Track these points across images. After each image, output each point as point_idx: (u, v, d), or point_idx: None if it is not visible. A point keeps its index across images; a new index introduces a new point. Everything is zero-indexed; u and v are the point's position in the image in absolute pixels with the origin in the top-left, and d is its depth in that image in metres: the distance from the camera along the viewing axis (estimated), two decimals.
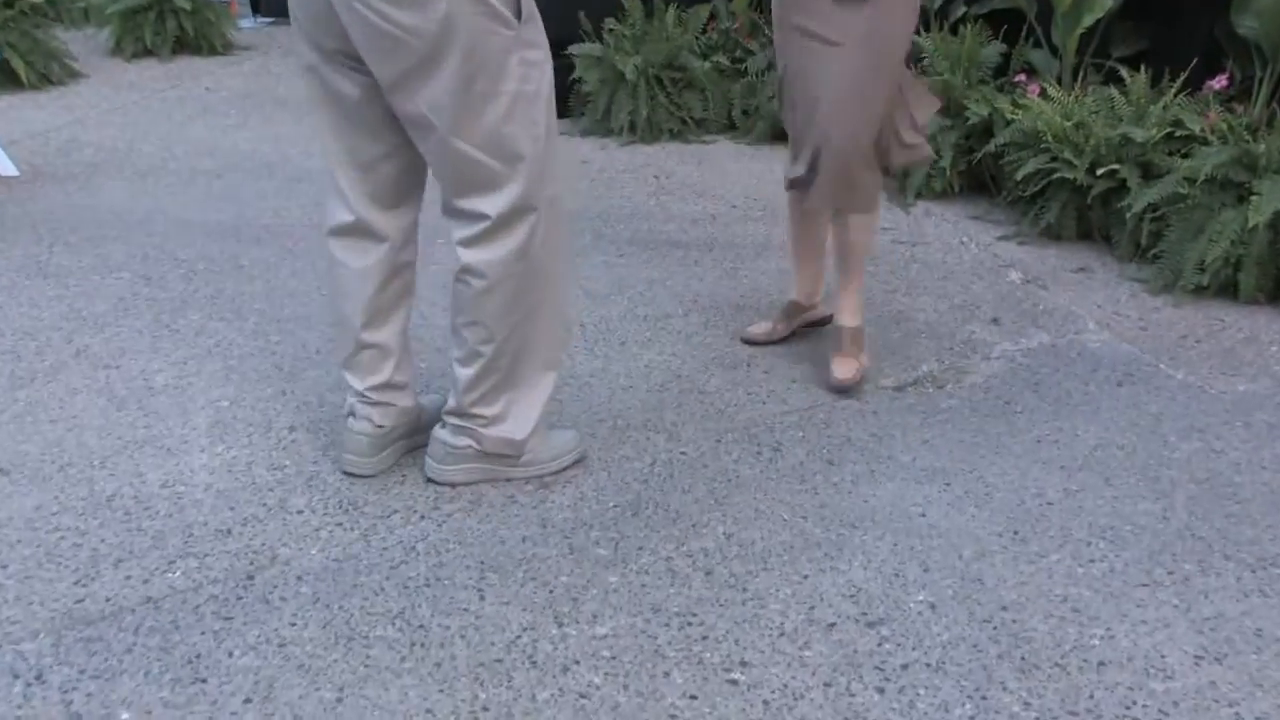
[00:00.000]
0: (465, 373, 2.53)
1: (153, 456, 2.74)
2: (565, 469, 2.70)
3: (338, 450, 2.71)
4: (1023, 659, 2.09)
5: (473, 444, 2.60)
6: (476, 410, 2.57)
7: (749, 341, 3.38)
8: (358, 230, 2.51)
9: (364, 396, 2.61)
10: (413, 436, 2.74)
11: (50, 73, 6.62)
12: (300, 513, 2.53)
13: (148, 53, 7.42)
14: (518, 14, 2.25)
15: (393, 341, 2.61)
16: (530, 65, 2.30)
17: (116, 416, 2.93)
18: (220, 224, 4.37)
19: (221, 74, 7.13)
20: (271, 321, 3.50)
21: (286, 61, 7.48)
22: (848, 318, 3.18)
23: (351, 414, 2.63)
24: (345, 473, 2.67)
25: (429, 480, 2.65)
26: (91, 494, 2.58)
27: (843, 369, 3.11)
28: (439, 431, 2.64)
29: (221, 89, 6.72)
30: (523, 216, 2.37)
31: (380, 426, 2.63)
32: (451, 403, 2.60)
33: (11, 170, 4.94)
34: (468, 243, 2.40)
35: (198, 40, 7.52)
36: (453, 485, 2.64)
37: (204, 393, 3.06)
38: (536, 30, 2.31)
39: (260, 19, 8.89)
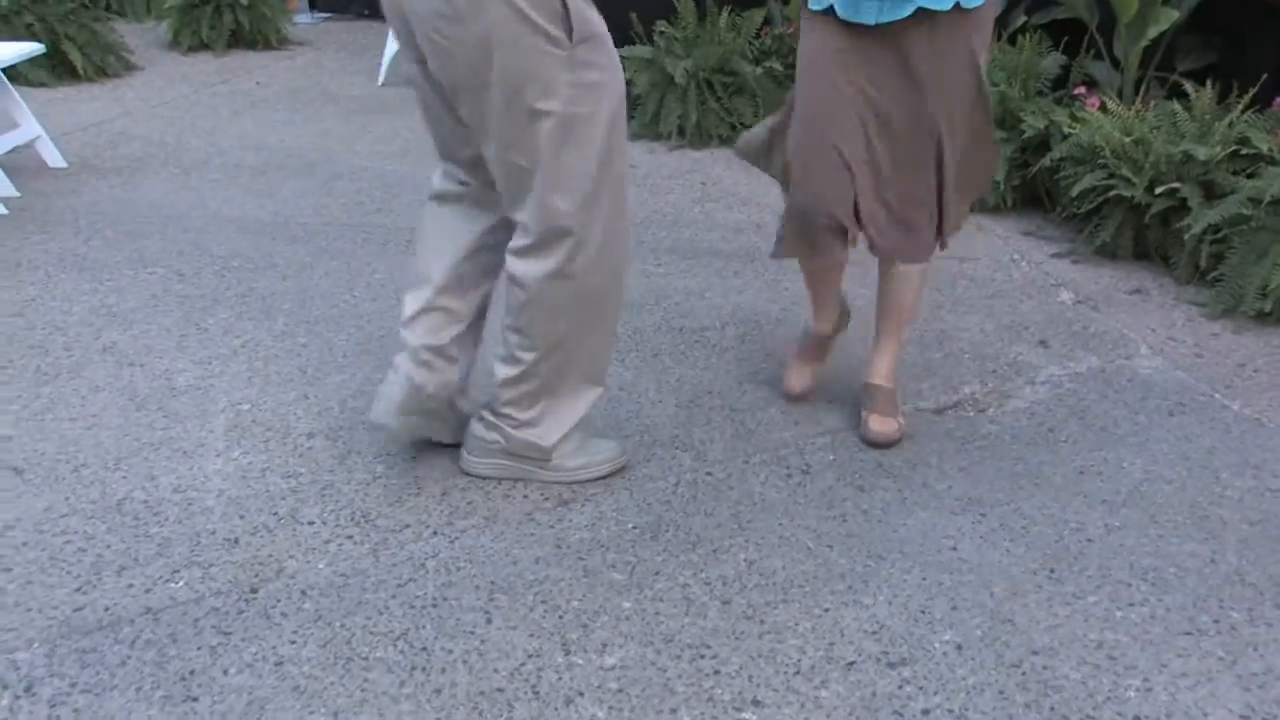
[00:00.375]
0: (503, 371, 2.51)
1: (167, 459, 2.69)
2: (597, 479, 2.63)
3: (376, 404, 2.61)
4: (1051, 709, 1.97)
5: (500, 440, 2.57)
6: (509, 411, 2.54)
7: (794, 397, 3.07)
8: (461, 198, 2.53)
9: (415, 353, 2.54)
10: (443, 420, 2.67)
11: (106, 65, 6.64)
12: (311, 524, 2.46)
13: (204, 46, 7.43)
14: (569, 34, 2.17)
15: (464, 310, 2.57)
16: (585, 87, 2.22)
17: (135, 416, 2.89)
18: (258, 221, 4.34)
19: (274, 69, 7.12)
20: (300, 323, 3.45)
21: (339, 57, 7.47)
22: (884, 378, 2.93)
23: (394, 368, 2.57)
24: (371, 424, 2.68)
25: (462, 472, 2.64)
26: (103, 496, 2.54)
27: (883, 425, 2.85)
28: (474, 424, 2.63)
29: (272, 84, 6.71)
30: (561, 239, 2.31)
31: (419, 386, 2.55)
32: (487, 398, 2.58)
33: (60, 162, 4.94)
34: (515, 252, 2.39)
35: (253, 35, 7.52)
36: (482, 478, 2.63)
37: (225, 394, 3.01)
38: (598, 52, 2.22)
39: (317, 14, 8.89)
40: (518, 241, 2.37)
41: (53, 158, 4.95)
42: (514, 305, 2.43)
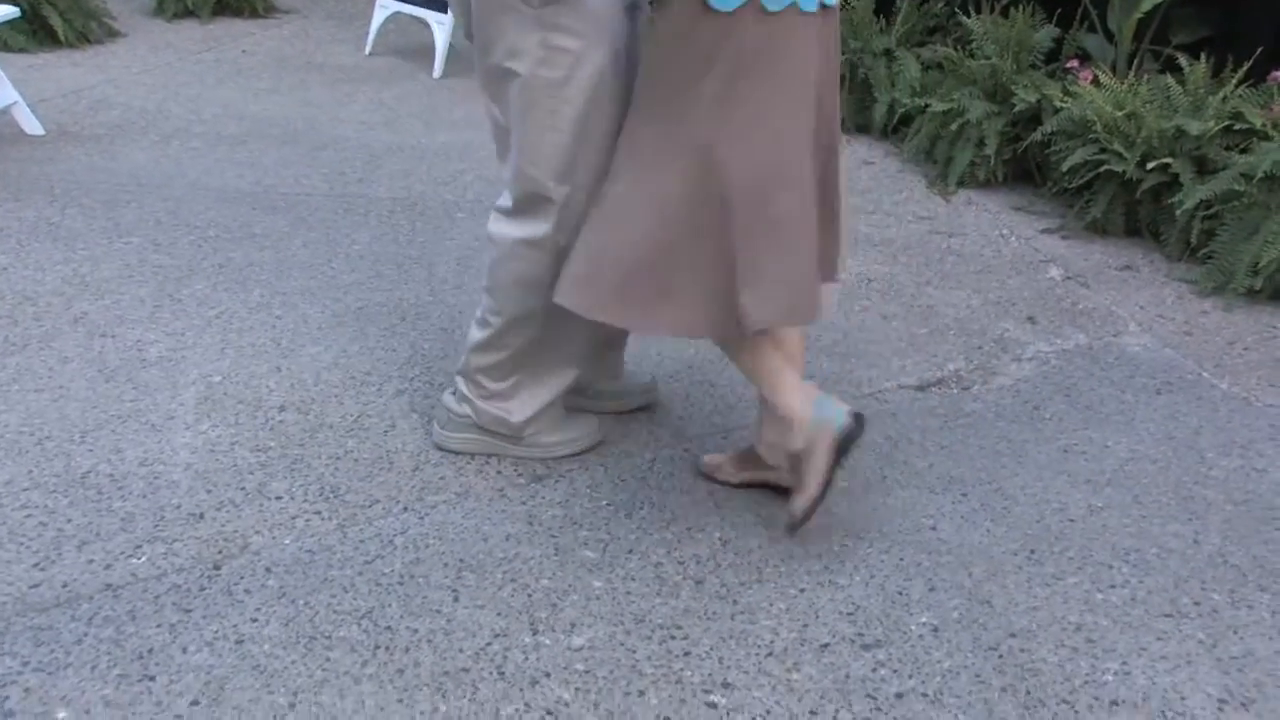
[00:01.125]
0: (475, 334, 2.47)
1: (135, 432, 2.64)
2: (571, 455, 2.58)
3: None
4: (1028, 693, 1.93)
5: (470, 414, 2.53)
6: (481, 378, 2.50)
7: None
8: None
9: None
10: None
11: (89, 31, 6.54)
12: (279, 499, 2.41)
13: (189, 13, 7.33)
14: None
15: None
16: (555, 50, 2.15)
17: (104, 389, 2.83)
18: (238, 190, 4.27)
19: (260, 36, 7.03)
20: (276, 294, 3.39)
21: (326, 26, 7.37)
22: None
23: None
24: None
25: (435, 446, 2.60)
26: (66, 470, 2.49)
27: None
28: (445, 396, 2.59)
29: (258, 52, 6.62)
30: (538, 206, 2.26)
31: None
32: (459, 363, 2.55)
33: (37, 129, 4.86)
34: (496, 209, 2.37)
35: (239, 2, 7.42)
36: (455, 453, 2.58)
37: (197, 366, 2.96)
38: (573, 16, 2.14)
39: None
40: (500, 200, 2.34)
41: (30, 125, 4.86)
42: (487, 264, 2.39)
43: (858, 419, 2.19)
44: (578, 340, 2.44)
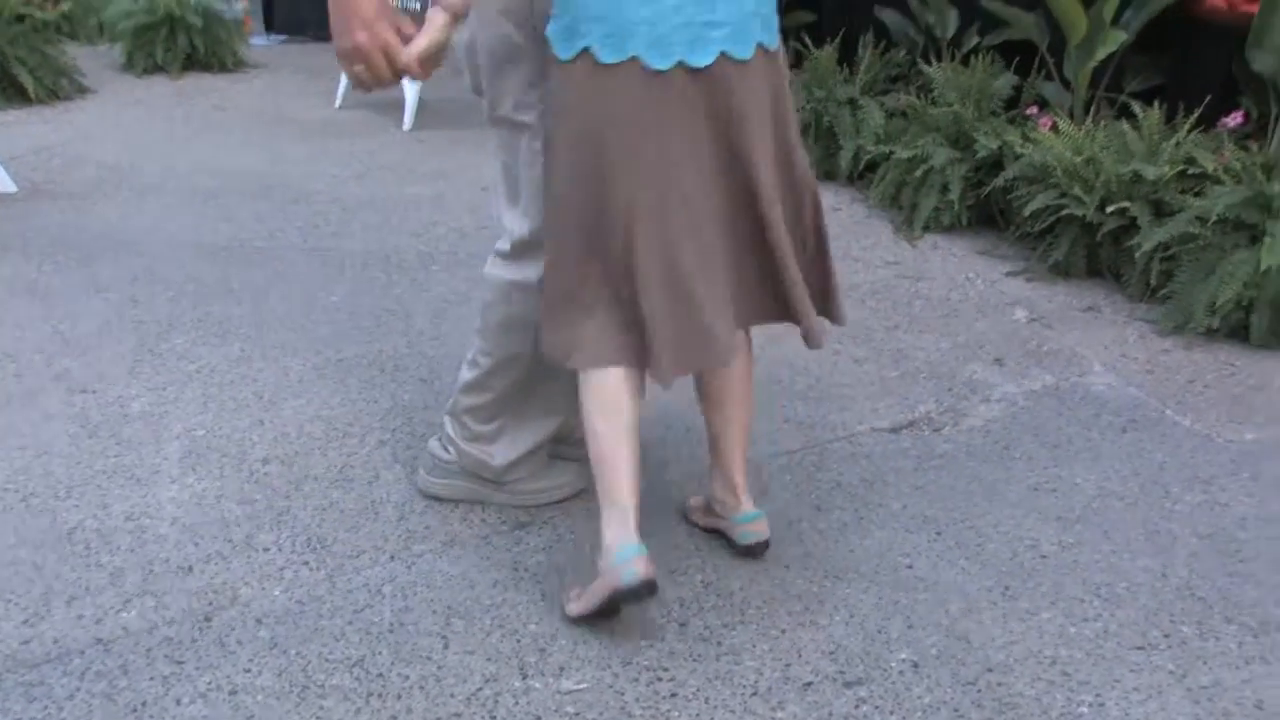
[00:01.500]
0: (465, 374, 2.52)
1: (120, 487, 2.67)
2: (554, 502, 2.63)
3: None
4: None
5: (454, 459, 2.57)
6: (467, 419, 2.54)
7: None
8: None
9: None
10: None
11: (59, 88, 6.59)
12: (266, 550, 2.44)
13: (158, 69, 7.38)
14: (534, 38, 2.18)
15: None
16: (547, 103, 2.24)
17: (88, 444, 2.86)
18: (214, 244, 4.31)
19: (230, 91, 7.09)
20: (256, 347, 3.42)
21: (296, 80, 7.44)
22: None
23: None
24: None
25: (420, 493, 2.64)
26: (53, 525, 2.51)
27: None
28: (431, 443, 2.63)
29: (228, 107, 6.68)
30: (532, 250, 2.32)
31: None
32: (449, 403, 2.59)
33: (10, 187, 4.89)
34: (494, 252, 2.41)
35: (208, 57, 7.49)
36: (436, 499, 2.62)
37: (180, 420, 2.99)
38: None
39: (273, 36, 8.86)
40: (498, 244, 2.39)
41: (3, 183, 4.89)
42: (480, 305, 2.45)
43: (648, 587, 2.11)
44: (562, 387, 2.50)
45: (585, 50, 2.03)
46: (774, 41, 2.17)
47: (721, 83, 2.08)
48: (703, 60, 2.05)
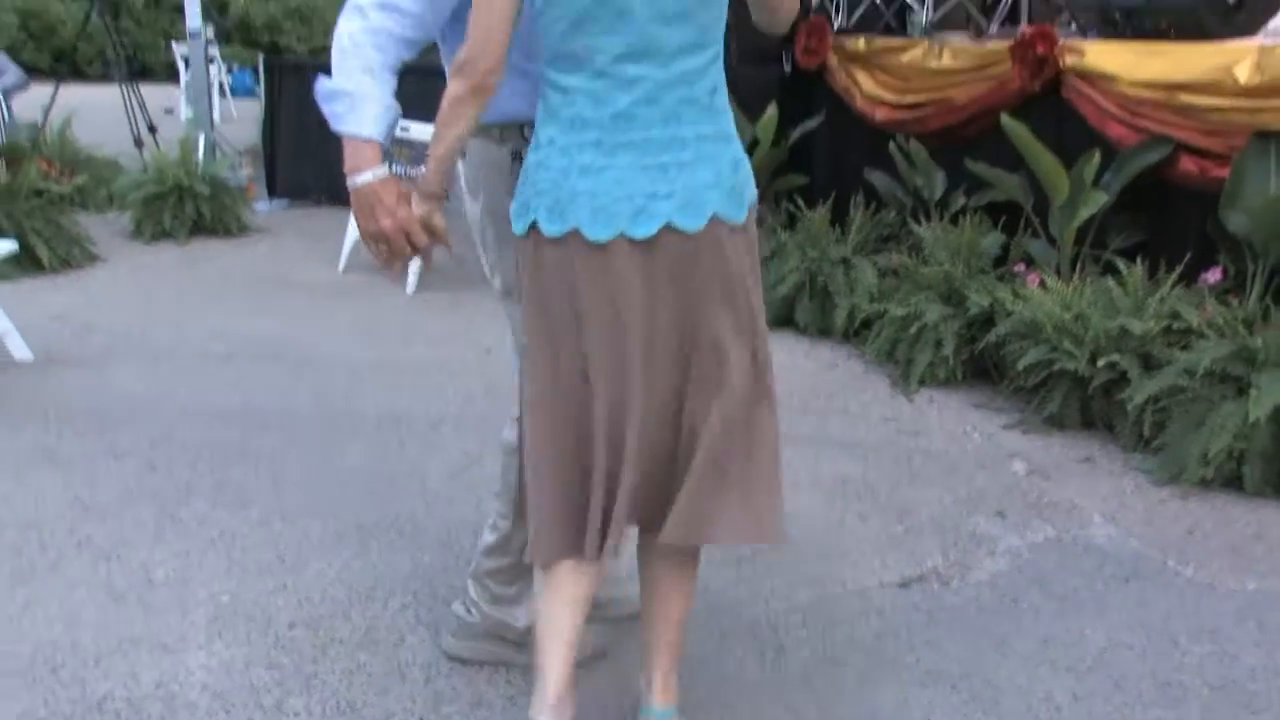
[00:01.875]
0: (486, 537, 2.59)
1: (148, 655, 2.71)
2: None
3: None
4: None
5: (478, 621, 2.63)
6: (489, 582, 2.60)
7: None
8: None
9: None
10: None
11: (71, 257, 6.76)
12: (297, 715, 2.48)
13: (166, 235, 7.58)
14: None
15: None
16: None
17: (114, 612, 2.90)
18: (227, 409, 4.41)
19: (236, 256, 7.28)
20: (275, 511, 3.49)
21: (300, 243, 7.64)
22: None
23: None
24: None
25: (445, 655, 2.68)
26: (83, 697, 2.54)
27: None
28: (455, 605, 2.69)
29: (235, 272, 6.85)
30: None
31: None
32: (472, 566, 2.65)
33: (26, 355, 5.00)
34: (513, 418, 2.47)
35: (214, 223, 7.70)
36: (462, 661, 2.66)
37: (204, 586, 3.04)
38: None
39: (276, 201, 9.10)
40: (514, 408, 2.46)
41: (19, 351, 5.00)
42: (500, 469, 2.53)
43: None
44: None
45: (534, 224, 2.06)
46: (737, 214, 2.09)
47: (663, 255, 2.04)
48: (644, 232, 2.02)
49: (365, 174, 2.18)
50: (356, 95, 2.18)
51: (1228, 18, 4.61)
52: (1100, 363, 4.04)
